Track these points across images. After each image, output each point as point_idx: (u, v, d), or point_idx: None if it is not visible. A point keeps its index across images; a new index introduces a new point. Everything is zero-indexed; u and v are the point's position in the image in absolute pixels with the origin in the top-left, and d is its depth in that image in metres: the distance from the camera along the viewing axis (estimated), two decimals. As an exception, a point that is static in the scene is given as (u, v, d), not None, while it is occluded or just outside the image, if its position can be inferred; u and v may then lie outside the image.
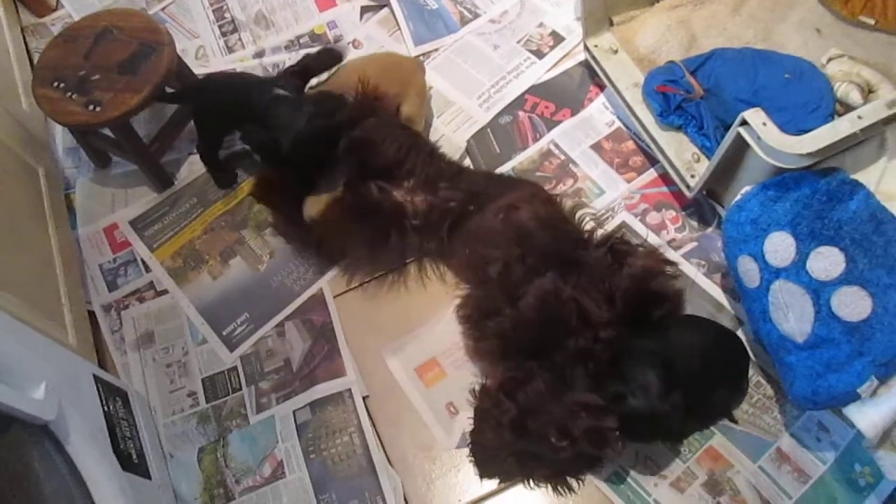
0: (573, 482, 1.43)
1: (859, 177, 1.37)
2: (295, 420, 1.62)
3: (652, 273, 1.45)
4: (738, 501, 1.43)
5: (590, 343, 1.35)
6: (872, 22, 1.72)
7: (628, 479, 1.47)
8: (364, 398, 1.62)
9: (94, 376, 1.49)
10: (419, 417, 1.59)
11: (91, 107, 1.73)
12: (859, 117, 1.29)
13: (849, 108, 1.61)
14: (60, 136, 2.13)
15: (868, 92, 1.62)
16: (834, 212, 1.31)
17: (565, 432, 1.31)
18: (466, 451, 1.52)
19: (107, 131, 1.83)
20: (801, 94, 1.61)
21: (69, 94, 1.76)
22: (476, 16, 2.14)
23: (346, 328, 1.71)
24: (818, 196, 1.32)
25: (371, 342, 1.69)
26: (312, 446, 1.59)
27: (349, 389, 1.63)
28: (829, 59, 1.69)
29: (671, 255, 1.66)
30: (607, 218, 1.74)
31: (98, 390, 1.47)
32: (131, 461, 1.46)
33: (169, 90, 1.88)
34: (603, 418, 1.30)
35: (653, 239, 1.70)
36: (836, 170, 1.36)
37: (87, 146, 1.99)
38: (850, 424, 1.33)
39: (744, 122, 1.35)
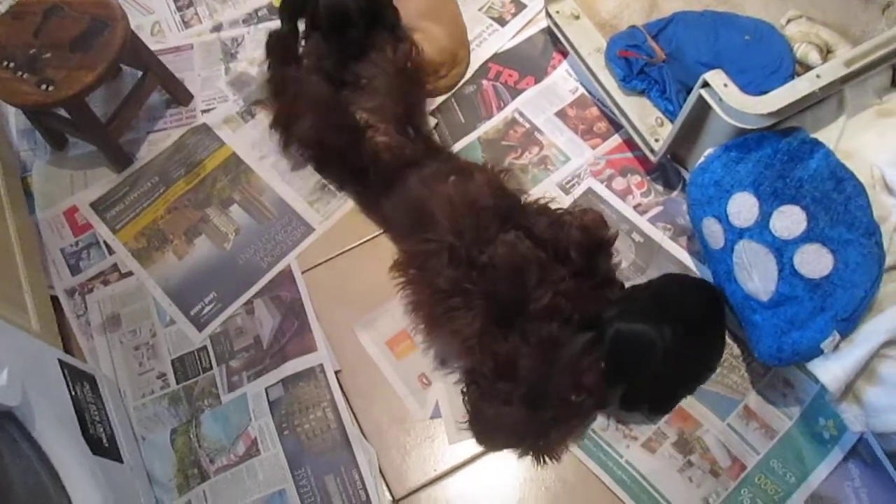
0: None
1: (819, 136, 1.38)
2: (267, 397, 1.62)
3: (597, 225, 1.50)
4: (707, 459, 1.46)
5: (554, 299, 1.38)
6: (830, -18, 1.73)
7: (600, 442, 1.49)
8: (336, 373, 1.61)
9: (60, 361, 1.47)
10: (392, 390, 1.60)
11: (44, 86, 1.68)
12: (818, 76, 1.30)
13: (808, 68, 1.61)
14: (13, 119, 2.07)
15: (827, 52, 1.64)
16: (795, 171, 1.33)
17: (581, 387, 1.36)
18: (440, 421, 1.54)
19: (62, 111, 1.79)
20: (761, 56, 1.62)
21: (20, 73, 1.70)
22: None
23: (316, 303, 1.70)
24: (779, 156, 1.34)
25: (341, 316, 1.68)
26: (286, 423, 1.58)
27: (321, 364, 1.62)
28: (788, 21, 1.70)
29: (637, 220, 1.68)
30: (574, 184, 1.75)
31: (64, 375, 1.45)
32: (101, 445, 1.44)
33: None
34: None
35: (619, 204, 1.71)
36: (796, 129, 1.37)
37: (42, 127, 1.94)
38: (814, 379, 1.35)
39: (705, 84, 1.36)
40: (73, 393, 1.44)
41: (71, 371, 1.48)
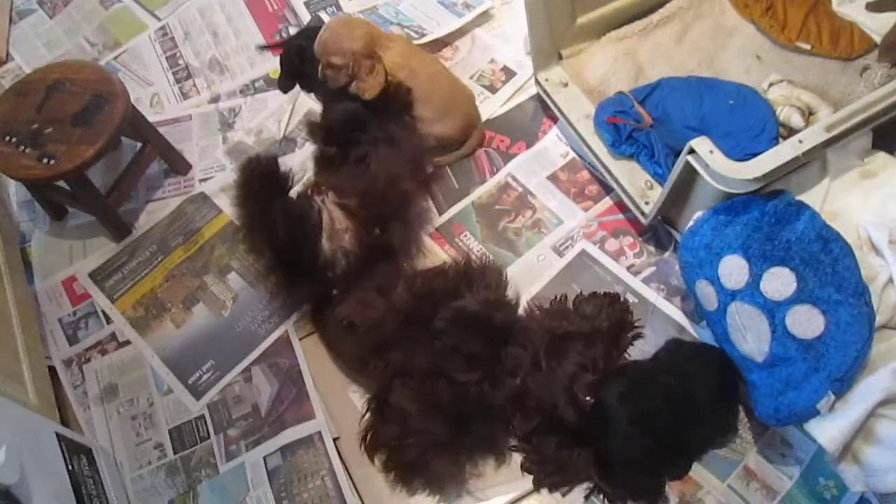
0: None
1: (805, 198, 1.42)
2: (266, 466, 1.61)
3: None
4: (709, 522, 1.45)
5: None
6: (808, 47, 1.80)
7: (601, 507, 1.48)
8: (335, 440, 1.61)
9: (57, 434, 1.47)
10: (391, 456, 1.59)
11: (45, 160, 1.71)
12: (800, 141, 1.34)
13: (791, 130, 1.66)
14: (14, 190, 2.10)
15: (809, 114, 1.68)
16: (783, 233, 1.35)
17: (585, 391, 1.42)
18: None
19: (62, 184, 1.82)
20: (745, 120, 1.67)
21: (22, 148, 1.74)
22: (423, 35, 2.17)
23: (314, 370, 1.70)
24: (767, 218, 1.36)
25: (339, 382, 1.68)
26: (285, 492, 1.57)
27: (319, 432, 1.61)
28: (770, 84, 1.75)
29: (631, 281, 1.70)
30: (567, 246, 1.77)
31: (61, 449, 1.45)
32: (98, 520, 1.43)
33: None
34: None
35: (612, 265, 1.73)
36: (782, 192, 1.40)
37: (42, 199, 1.97)
38: (812, 440, 1.36)
39: (692, 151, 1.40)
40: (71, 467, 1.44)
41: (68, 444, 1.48)
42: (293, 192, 1.69)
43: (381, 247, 1.65)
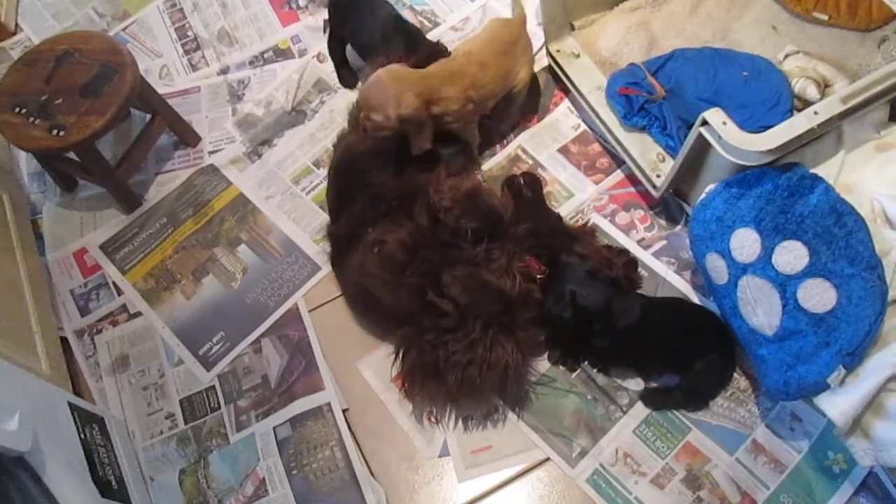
0: None
1: (819, 171, 1.40)
2: (275, 437, 1.62)
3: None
4: (717, 495, 1.45)
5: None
6: (826, 18, 1.76)
7: (609, 479, 1.48)
8: (344, 411, 1.62)
9: (70, 404, 1.48)
10: (399, 428, 1.60)
11: (55, 131, 1.71)
12: (815, 113, 1.32)
13: (806, 102, 1.64)
14: (24, 162, 2.11)
15: (824, 86, 1.66)
16: (796, 206, 1.34)
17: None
18: (448, 459, 1.55)
19: (72, 155, 1.82)
20: (759, 91, 1.64)
21: (31, 119, 1.74)
22: (436, 24, 2.15)
23: (323, 342, 1.71)
24: (780, 191, 1.35)
25: (348, 354, 1.69)
26: (294, 462, 1.58)
27: (328, 403, 1.62)
28: (786, 56, 1.72)
29: (641, 253, 1.69)
30: (578, 220, 1.76)
31: (74, 418, 1.46)
32: (111, 487, 1.44)
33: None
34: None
35: (622, 238, 1.72)
36: (796, 165, 1.39)
37: (53, 171, 1.97)
38: (821, 413, 1.35)
39: (704, 122, 1.38)
40: (83, 436, 1.45)
41: (80, 414, 1.49)
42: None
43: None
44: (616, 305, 1.49)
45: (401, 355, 1.55)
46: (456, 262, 1.50)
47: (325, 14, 2.22)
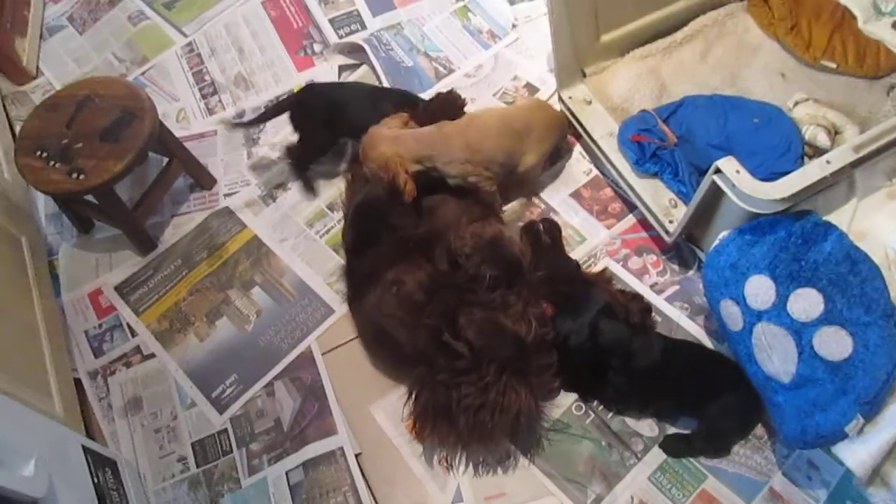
0: None
1: (832, 218, 1.41)
2: (288, 481, 1.61)
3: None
4: (734, 544, 1.43)
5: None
6: (834, 66, 1.79)
7: (625, 527, 1.47)
8: (357, 455, 1.61)
9: (83, 447, 1.48)
10: (413, 473, 1.59)
11: (74, 175, 1.74)
12: (828, 162, 1.33)
13: (817, 149, 1.66)
14: (42, 203, 2.13)
15: (835, 133, 1.67)
16: (810, 253, 1.34)
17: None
18: (462, 505, 1.53)
19: (90, 198, 1.84)
20: (770, 138, 1.66)
21: (52, 162, 1.77)
22: (450, 71, 2.19)
23: (336, 385, 1.71)
24: (794, 239, 1.36)
25: (361, 398, 1.68)
26: (306, 507, 1.57)
27: (341, 448, 1.62)
28: (796, 103, 1.75)
29: (654, 298, 1.70)
30: (591, 264, 1.77)
31: (87, 461, 1.46)
32: (123, 532, 1.44)
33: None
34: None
35: (635, 283, 1.72)
36: (809, 212, 1.40)
37: (70, 212, 2.00)
38: (839, 461, 1.34)
39: (718, 170, 1.39)
40: (96, 479, 1.45)
41: (94, 457, 1.49)
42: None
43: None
44: (636, 343, 1.49)
45: (414, 396, 1.54)
46: (473, 305, 1.51)
47: (340, 60, 2.27)
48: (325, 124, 1.91)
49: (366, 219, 1.72)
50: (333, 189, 2.01)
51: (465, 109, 1.89)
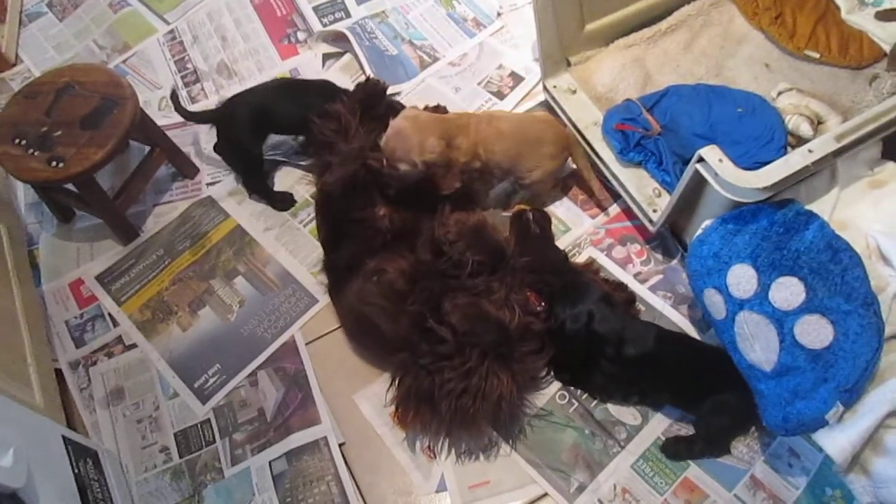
0: None
1: (814, 207, 1.41)
2: (271, 471, 1.61)
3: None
4: (716, 531, 1.44)
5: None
6: (817, 56, 1.79)
7: (607, 515, 1.48)
8: (340, 445, 1.61)
9: (64, 437, 1.47)
10: (397, 462, 1.59)
11: (54, 163, 1.72)
12: (810, 151, 1.33)
13: (800, 139, 1.66)
14: (22, 192, 2.11)
15: (818, 123, 1.68)
16: (791, 242, 1.35)
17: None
18: (446, 494, 1.53)
19: (70, 186, 1.82)
20: (754, 128, 1.66)
21: (31, 150, 1.74)
22: (435, 59, 2.18)
23: (320, 375, 1.70)
24: (776, 228, 1.36)
25: (345, 388, 1.68)
26: (290, 497, 1.57)
27: (325, 437, 1.61)
28: (779, 93, 1.75)
29: (637, 287, 1.70)
30: (575, 254, 1.77)
31: (68, 452, 1.45)
32: (104, 524, 1.43)
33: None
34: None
35: (619, 273, 1.73)
36: (791, 201, 1.40)
37: (50, 201, 1.97)
38: (819, 449, 1.35)
39: (701, 159, 1.39)
40: (77, 470, 1.44)
41: (74, 448, 1.48)
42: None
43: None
44: (630, 332, 1.50)
45: (396, 381, 1.54)
46: (456, 290, 1.51)
47: (324, 48, 2.25)
48: (252, 132, 1.88)
49: (331, 214, 1.71)
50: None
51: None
